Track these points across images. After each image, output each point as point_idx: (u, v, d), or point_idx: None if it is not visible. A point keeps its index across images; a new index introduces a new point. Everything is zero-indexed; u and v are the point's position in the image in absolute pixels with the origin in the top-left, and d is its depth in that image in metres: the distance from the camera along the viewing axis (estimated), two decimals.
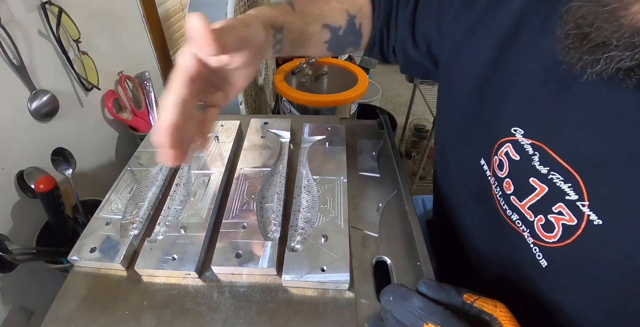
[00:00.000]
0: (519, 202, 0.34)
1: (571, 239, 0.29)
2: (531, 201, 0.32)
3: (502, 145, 0.35)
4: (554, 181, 0.30)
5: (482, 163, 0.39)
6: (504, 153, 0.35)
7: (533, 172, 0.32)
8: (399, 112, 2.25)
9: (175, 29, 1.12)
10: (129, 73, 0.83)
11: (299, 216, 0.45)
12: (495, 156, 0.36)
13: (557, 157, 0.30)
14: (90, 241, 0.43)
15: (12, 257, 0.46)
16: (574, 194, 0.28)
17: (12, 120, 0.55)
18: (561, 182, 0.29)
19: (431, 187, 0.57)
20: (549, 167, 0.31)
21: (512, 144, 0.34)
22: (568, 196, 0.29)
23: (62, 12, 0.60)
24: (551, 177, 0.30)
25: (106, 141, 0.79)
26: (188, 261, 0.40)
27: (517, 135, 0.33)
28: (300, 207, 0.46)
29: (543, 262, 0.32)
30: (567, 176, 0.29)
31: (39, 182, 0.48)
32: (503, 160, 0.35)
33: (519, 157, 0.33)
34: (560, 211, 0.30)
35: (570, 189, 0.29)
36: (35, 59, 0.58)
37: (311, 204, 0.46)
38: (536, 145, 0.32)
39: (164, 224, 0.45)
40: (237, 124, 0.63)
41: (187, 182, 0.51)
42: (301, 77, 1.08)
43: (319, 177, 0.50)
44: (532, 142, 0.32)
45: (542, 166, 0.31)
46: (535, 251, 0.32)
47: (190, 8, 0.79)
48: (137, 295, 0.39)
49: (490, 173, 0.38)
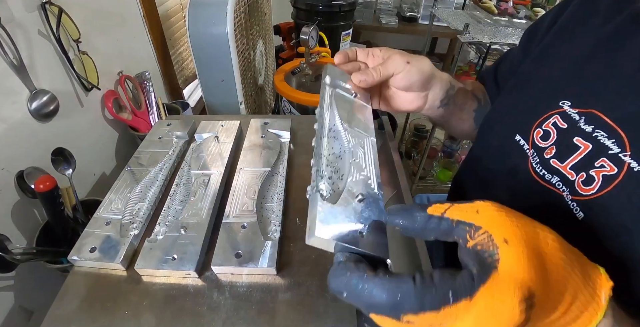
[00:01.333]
0: (560, 163, 0.35)
1: (610, 187, 0.31)
2: (574, 160, 0.34)
3: (550, 118, 0.37)
4: (598, 138, 0.32)
5: (518, 139, 0.41)
6: (552, 124, 0.37)
7: (578, 132, 0.34)
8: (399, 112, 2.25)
9: (175, 29, 1.12)
10: (129, 73, 0.83)
11: (323, 161, 0.32)
12: (539, 128, 0.38)
13: (604, 116, 0.32)
14: (90, 241, 0.43)
15: (12, 257, 0.46)
16: (616, 148, 0.31)
17: (12, 120, 0.55)
18: (605, 138, 0.32)
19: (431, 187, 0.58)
20: (593, 126, 0.33)
21: (560, 115, 0.36)
22: (611, 150, 0.31)
23: (62, 12, 0.60)
24: (596, 135, 0.33)
25: (106, 141, 0.79)
26: (188, 261, 0.40)
27: (565, 107, 0.36)
28: (327, 152, 0.34)
29: (580, 214, 0.33)
30: (612, 132, 0.31)
31: (39, 182, 0.48)
32: (550, 130, 0.37)
33: (566, 125, 0.36)
34: (603, 164, 0.31)
35: (614, 144, 0.31)
36: (35, 59, 0.58)
37: (340, 153, 0.35)
38: (583, 112, 0.35)
39: (164, 224, 0.45)
40: (237, 124, 0.63)
41: (187, 182, 0.51)
42: (301, 77, 1.07)
43: (349, 128, 0.37)
44: (579, 111, 0.35)
45: (587, 125, 0.34)
46: (572, 206, 0.33)
47: (190, 8, 0.79)
48: (137, 295, 0.39)
49: (529, 146, 0.39)
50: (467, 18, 1.46)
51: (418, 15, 2.16)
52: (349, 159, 0.33)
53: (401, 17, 2.19)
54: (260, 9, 1.06)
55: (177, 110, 0.93)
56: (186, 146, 0.60)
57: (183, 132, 0.60)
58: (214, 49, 0.80)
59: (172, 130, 0.61)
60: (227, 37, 0.78)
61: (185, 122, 0.63)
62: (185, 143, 0.61)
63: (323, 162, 0.32)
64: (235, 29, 0.79)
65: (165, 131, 0.62)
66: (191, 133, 0.62)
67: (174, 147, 0.58)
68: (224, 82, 0.86)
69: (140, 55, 0.93)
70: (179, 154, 0.58)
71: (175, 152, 0.57)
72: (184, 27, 1.13)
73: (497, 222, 0.22)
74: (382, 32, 2.29)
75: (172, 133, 0.61)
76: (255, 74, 1.07)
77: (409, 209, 0.24)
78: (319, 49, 1.17)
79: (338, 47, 1.46)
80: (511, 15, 1.78)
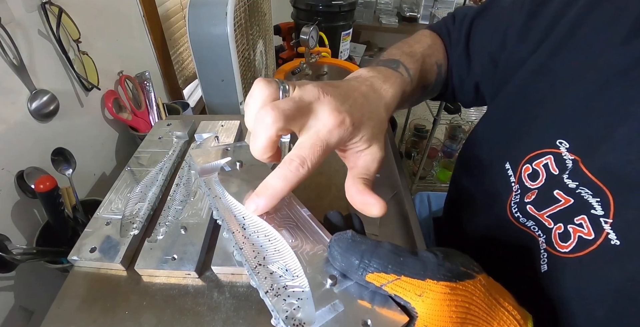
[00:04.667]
0: (537, 211, 0.33)
1: (583, 253, 0.28)
2: (551, 211, 0.32)
3: (542, 156, 0.33)
4: (581, 195, 0.29)
5: (507, 167, 0.37)
6: (543, 164, 0.33)
7: (560, 185, 0.31)
8: (399, 112, 2.25)
9: (175, 29, 1.12)
10: (129, 73, 0.83)
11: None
12: (528, 164, 0.34)
13: (590, 174, 0.29)
14: (90, 241, 0.43)
15: (12, 257, 0.46)
16: (600, 209, 0.28)
17: (12, 120, 0.55)
18: (589, 196, 0.28)
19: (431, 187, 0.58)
20: (578, 182, 0.29)
21: (554, 156, 0.32)
22: (594, 210, 0.28)
23: (62, 12, 0.60)
24: (579, 192, 0.29)
25: (106, 141, 0.79)
26: (188, 261, 0.40)
27: (562, 149, 0.31)
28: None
29: (544, 267, 0.31)
30: (597, 191, 0.28)
31: (39, 182, 0.48)
32: (539, 171, 0.33)
33: (557, 171, 0.31)
34: (581, 222, 0.29)
35: (598, 204, 0.28)
36: (35, 59, 0.58)
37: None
38: (575, 160, 0.30)
39: (164, 224, 0.45)
40: (237, 124, 0.63)
41: (187, 182, 0.51)
42: (301, 77, 1.07)
43: None
44: (574, 158, 0.30)
45: (570, 180, 0.30)
46: (542, 256, 0.32)
47: (190, 8, 0.79)
48: (137, 295, 0.39)
49: (515, 180, 0.36)
50: None
51: (418, 15, 2.16)
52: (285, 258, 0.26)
53: (401, 17, 2.19)
54: (260, 9, 1.06)
55: (177, 110, 0.93)
56: (186, 146, 0.60)
57: (183, 132, 0.60)
58: (214, 49, 0.80)
59: (172, 130, 0.61)
60: (227, 37, 0.78)
61: (185, 122, 0.63)
62: (185, 143, 0.61)
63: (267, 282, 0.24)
64: (235, 29, 0.79)
65: (165, 131, 0.62)
66: (191, 133, 0.62)
67: (174, 147, 0.58)
68: (224, 82, 0.86)
69: (140, 55, 0.93)
70: (179, 154, 0.58)
71: (175, 152, 0.57)
72: (184, 27, 1.13)
73: (433, 316, 0.21)
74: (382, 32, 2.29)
75: (172, 133, 0.61)
76: (255, 74, 1.07)
77: (351, 260, 0.22)
78: (319, 49, 1.17)
79: (338, 47, 1.46)
80: None
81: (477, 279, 0.23)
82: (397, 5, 2.32)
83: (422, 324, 0.21)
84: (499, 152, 0.39)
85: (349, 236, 0.24)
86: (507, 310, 0.23)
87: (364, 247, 0.23)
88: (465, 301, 0.22)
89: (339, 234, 0.24)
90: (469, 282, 0.22)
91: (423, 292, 0.21)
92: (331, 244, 0.24)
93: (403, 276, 0.21)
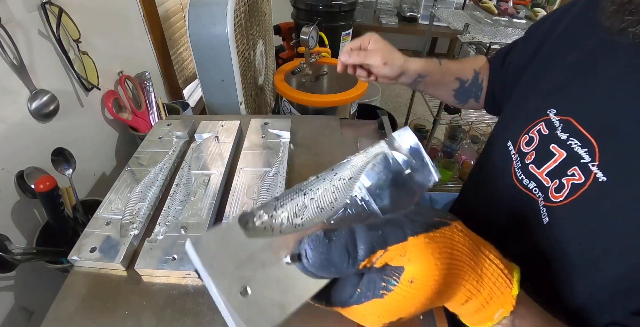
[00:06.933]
0: (537, 169, 0.37)
1: (575, 195, 0.32)
2: (549, 167, 0.36)
3: (536, 125, 0.39)
4: (572, 146, 0.34)
5: (509, 145, 0.43)
6: (537, 130, 0.39)
7: (554, 139, 0.36)
8: (399, 112, 2.25)
9: (175, 29, 1.12)
10: (129, 73, 0.83)
11: None
12: (526, 135, 0.40)
13: (579, 126, 0.34)
14: (90, 241, 0.43)
15: (12, 257, 0.46)
16: (588, 157, 0.32)
17: (12, 120, 0.55)
18: (579, 147, 0.33)
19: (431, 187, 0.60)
20: (568, 134, 0.35)
21: (544, 122, 0.38)
22: (583, 160, 0.33)
23: (62, 12, 0.60)
24: (570, 143, 0.34)
25: (106, 141, 0.79)
26: (188, 261, 0.40)
27: (550, 115, 0.38)
28: None
29: (545, 219, 0.35)
30: (585, 141, 0.33)
31: (39, 182, 0.48)
32: (534, 136, 0.39)
33: (547, 131, 0.37)
34: (574, 172, 0.33)
35: (586, 153, 0.32)
36: (35, 59, 0.58)
37: None
38: (564, 120, 0.36)
39: (164, 224, 0.45)
40: (237, 124, 0.63)
41: (187, 182, 0.51)
42: (301, 77, 1.07)
43: None
44: (561, 118, 0.36)
45: (562, 133, 0.35)
46: (542, 211, 0.36)
47: (190, 8, 0.79)
48: (137, 295, 0.39)
49: (515, 151, 0.42)
50: (467, 18, 1.46)
51: (418, 15, 2.16)
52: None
53: (401, 17, 2.19)
54: (260, 9, 1.06)
55: (177, 110, 0.93)
56: (186, 146, 0.60)
57: (183, 132, 0.60)
58: (214, 49, 0.80)
59: (172, 130, 0.61)
60: (227, 37, 0.78)
61: (185, 122, 0.63)
62: (185, 143, 0.61)
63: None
64: (235, 29, 0.79)
65: (165, 131, 0.62)
66: (191, 133, 0.62)
67: (174, 147, 0.58)
68: (224, 82, 0.86)
69: (140, 55, 0.93)
70: (179, 154, 0.58)
71: (175, 152, 0.57)
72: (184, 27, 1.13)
73: (420, 268, 0.21)
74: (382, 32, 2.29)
75: (172, 133, 0.61)
76: (255, 74, 1.07)
77: (337, 261, 0.22)
78: (319, 49, 1.17)
79: (338, 47, 1.46)
80: (511, 16, 1.78)
81: (452, 225, 0.23)
82: (397, 5, 2.32)
83: (408, 279, 0.21)
84: (501, 138, 0.46)
85: (322, 236, 0.22)
86: (488, 258, 0.24)
87: (343, 240, 0.22)
88: (446, 246, 0.22)
89: (310, 238, 0.22)
90: (446, 228, 0.23)
91: (406, 251, 0.22)
92: (307, 251, 0.22)
93: (388, 246, 0.22)
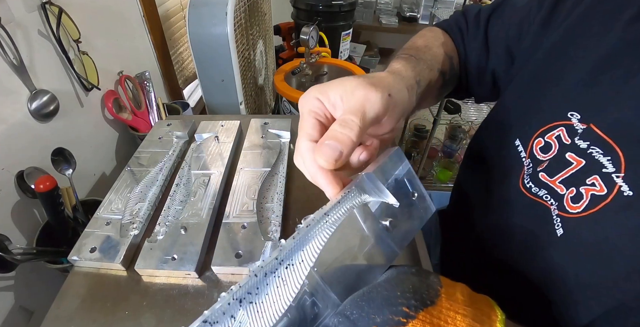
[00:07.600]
0: (549, 178, 0.34)
1: (596, 208, 0.29)
2: (563, 176, 0.33)
3: (554, 129, 0.35)
4: (592, 155, 0.31)
5: (517, 144, 0.39)
6: (555, 136, 0.35)
7: (571, 148, 0.32)
8: None
9: (175, 29, 1.12)
10: (129, 73, 0.83)
11: None
12: (540, 138, 0.36)
13: (600, 132, 0.30)
14: (90, 241, 0.43)
15: (12, 257, 0.46)
16: (611, 166, 0.29)
17: (12, 120, 0.55)
18: (600, 155, 0.30)
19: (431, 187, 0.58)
20: (589, 142, 0.31)
21: (566, 128, 0.34)
22: (605, 169, 0.29)
23: (62, 12, 0.60)
24: (590, 151, 0.31)
25: (106, 141, 0.79)
26: (188, 261, 0.40)
27: (573, 120, 0.33)
28: None
29: (559, 231, 0.32)
30: (608, 149, 0.30)
31: (39, 182, 0.48)
32: (552, 143, 0.35)
33: (569, 141, 0.33)
34: (594, 182, 0.30)
35: (609, 162, 0.29)
36: (35, 59, 0.58)
37: None
38: (584, 126, 0.32)
39: (164, 224, 0.45)
40: (237, 124, 0.63)
41: (187, 182, 0.51)
42: (301, 77, 1.07)
43: None
44: (586, 126, 0.32)
45: (581, 141, 0.32)
46: (556, 221, 0.33)
47: (190, 8, 0.79)
48: (137, 295, 0.39)
49: (526, 155, 0.37)
50: None
51: (418, 15, 2.16)
52: None
53: (401, 17, 2.19)
54: (260, 9, 1.06)
55: (177, 110, 0.93)
56: (186, 146, 0.60)
57: (183, 132, 0.60)
58: (214, 49, 0.80)
59: (172, 130, 0.61)
60: (227, 37, 0.78)
61: (185, 122, 0.63)
62: (185, 143, 0.61)
63: None
64: (235, 29, 0.79)
65: (165, 131, 0.62)
66: (191, 133, 0.62)
67: (174, 147, 0.58)
68: (224, 82, 0.86)
69: (140, 55, 0.93)
70: (179, 154, 0.58)
71: (175, 152, 0.57)
72: (184, 27, 1.13)
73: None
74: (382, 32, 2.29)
75: (172, 133, 0.61)
76: (255, 74, 1.07)
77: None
78: (319, 49, 1.17)
79: (338, 47, 1.46)
80: None
81: (438, 304, 0.22)
82: (397, 5, 2.32)
83: None
84: (508, 131, 0.41)
85: None
86: None
87: None
88: None
89: None
90: (432, 311, 0.21)
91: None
92: None
93: None
